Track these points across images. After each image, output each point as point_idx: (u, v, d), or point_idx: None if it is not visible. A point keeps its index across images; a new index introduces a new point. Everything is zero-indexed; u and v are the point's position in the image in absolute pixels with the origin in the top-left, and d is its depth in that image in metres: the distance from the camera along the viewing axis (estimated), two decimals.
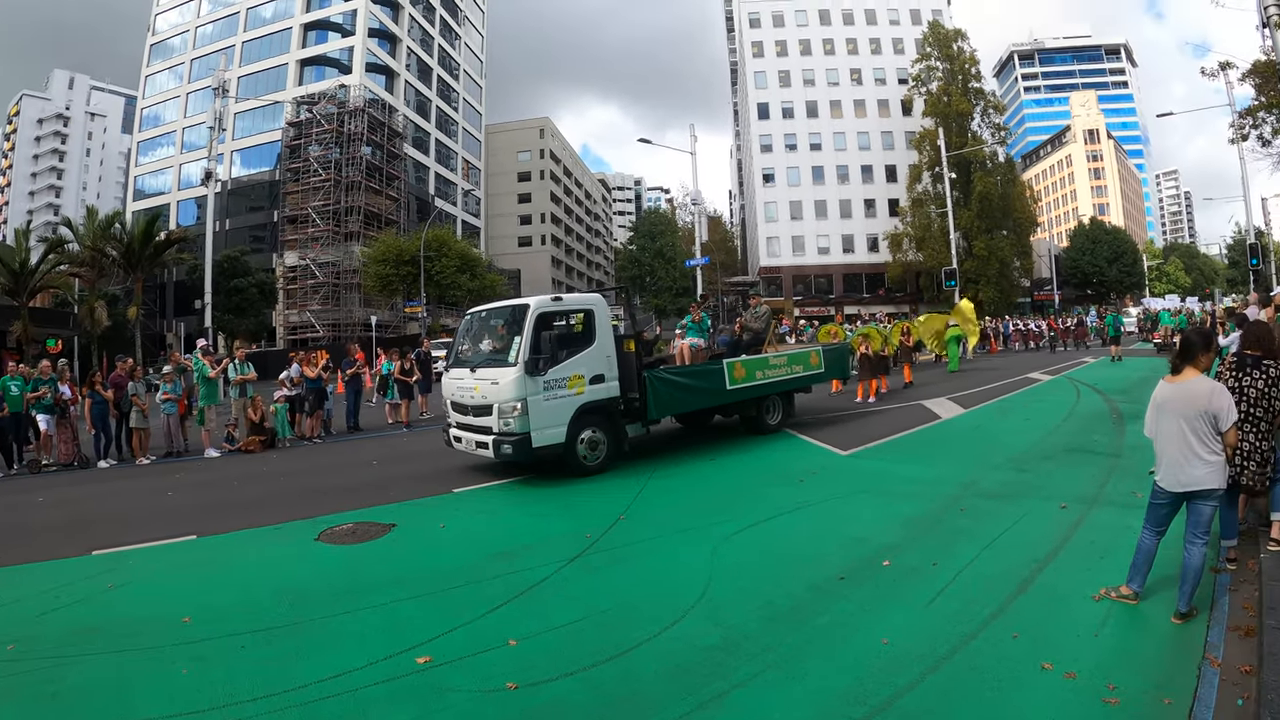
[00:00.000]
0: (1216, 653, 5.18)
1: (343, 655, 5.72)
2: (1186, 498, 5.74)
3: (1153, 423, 5.90)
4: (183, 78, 79.09)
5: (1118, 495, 9.39)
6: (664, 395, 13.37)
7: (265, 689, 5.22)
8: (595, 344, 12.61)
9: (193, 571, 8.27)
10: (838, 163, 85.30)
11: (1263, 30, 17.66)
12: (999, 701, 4.74)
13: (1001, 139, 77.03)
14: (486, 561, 8.03)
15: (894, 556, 7.45)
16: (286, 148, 68.02)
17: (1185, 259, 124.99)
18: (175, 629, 6.46)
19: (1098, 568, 6.86)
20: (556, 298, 12.76)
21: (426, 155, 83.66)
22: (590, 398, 12.37)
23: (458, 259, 57.44)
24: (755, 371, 15.10)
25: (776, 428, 15.94)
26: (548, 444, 11.78)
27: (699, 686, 5.02)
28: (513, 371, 11.65)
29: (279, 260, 66.37)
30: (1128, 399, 18.21)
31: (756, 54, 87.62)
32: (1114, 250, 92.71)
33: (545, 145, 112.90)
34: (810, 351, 16.97)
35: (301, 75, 73.43)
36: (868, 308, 73.38)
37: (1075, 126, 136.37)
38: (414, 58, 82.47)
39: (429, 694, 5.09)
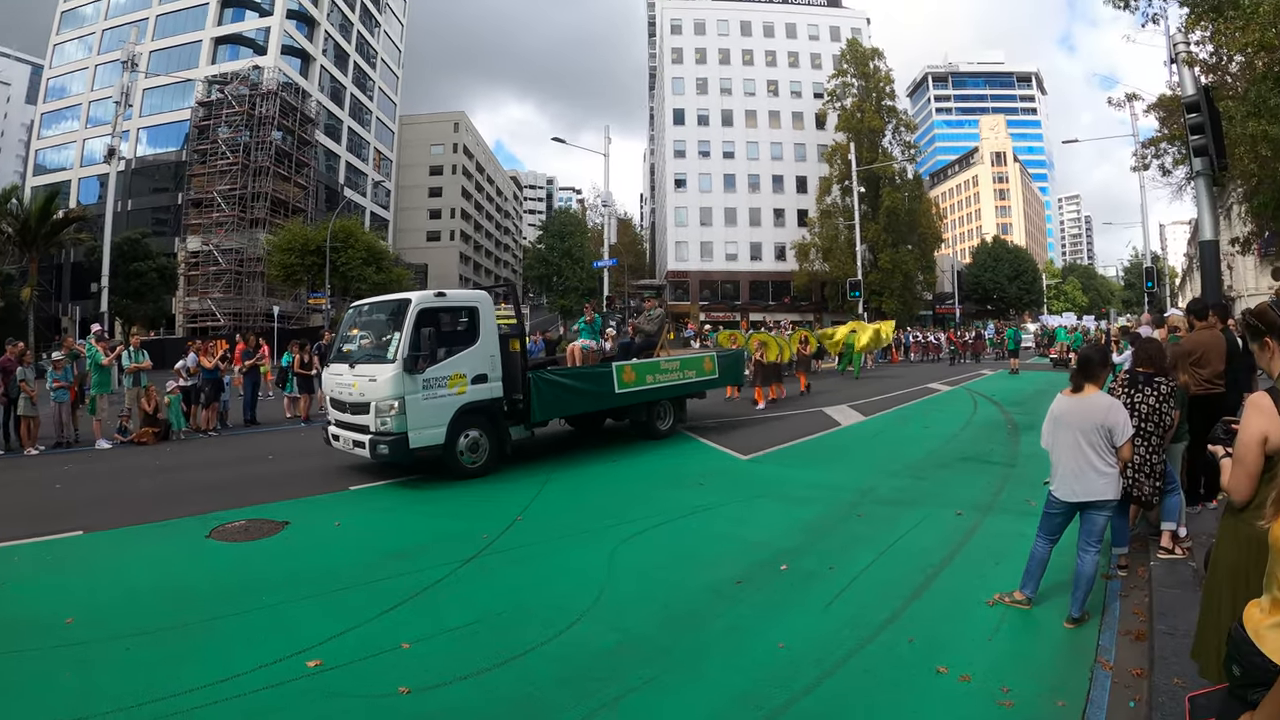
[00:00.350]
0: (1108, 656, 5.36)
1: (231, 658, 5.52)
2: (1080, 507, 5.90)
3: (1050, 434, 6.05)
4: (93, 48, 75.59)
5: (1012, 503, 9.69)
6: (549, 397, 13.13)
7: (150, 694, 4.99)
8: (479, 343, 12.33)
9: (78, 569, 7.89)
10: (750, 171, 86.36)
11: (1170, 66, 18.42)
12: (895, 704, 4.81)
13: (911, 156, 79.06)
14: (381, 561, 7.87)
15: (792, 561, 7.53)
16: (195, 128, 65.67)
17: (1083, 279, 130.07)
18: (58, 630, 6.16)
19: (992, 574, 7.04)
20: (440, 293, 12.49)
21: (338, 143, 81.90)
22: (472, 398, 12.10)
23: (364, 251, 56.31)
24: (646, 375, 14.88)
25: (667, 433, 15.83)
26: (426, 445, 11.47)
27: (595, 690, 4.98)
28: (391, 369, 11.35)
29: (181, 245, 64.10)
30: (1023, 411, 18.80)
31: (676, 60, 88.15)
32: (1015, 268, 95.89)
33: (459, 139, 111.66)
34: (704, 357, 16.81)
35: (215, 54, 70.98)
36: (773, 315, 74.30)
37: (983, 148, 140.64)
38: (331, 42, 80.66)
39: (319, 699, 4.95)
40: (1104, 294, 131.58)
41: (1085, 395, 5.87)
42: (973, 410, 19.73)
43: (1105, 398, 5.88)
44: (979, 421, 17.64)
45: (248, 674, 5.26)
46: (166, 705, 4.86)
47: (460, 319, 12.78)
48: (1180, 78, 16.51)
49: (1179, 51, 16.33)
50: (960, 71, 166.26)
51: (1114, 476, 5.80)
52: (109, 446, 16.19)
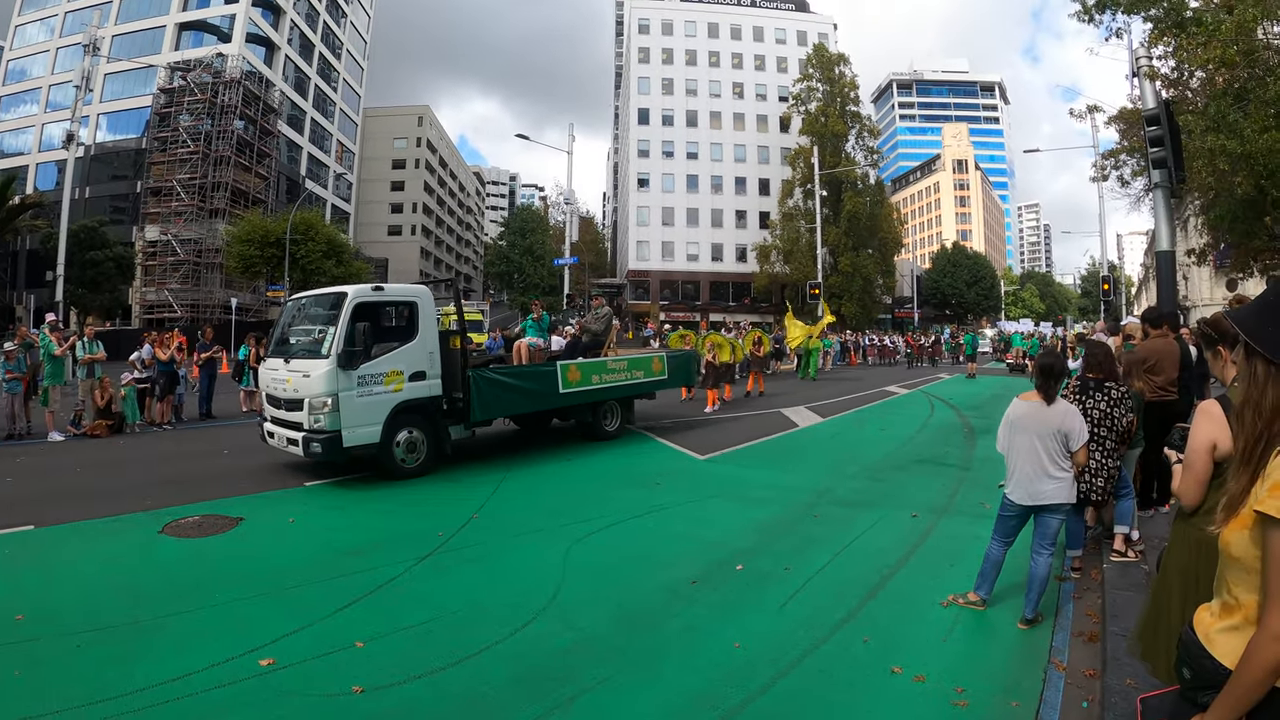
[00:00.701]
0: (1062, 657, 5.45)
1: (183, 657, 5.44)
2: (1035, 510, 5.99)
3: (1006, 438, 6.10)
4: (54, 31, 73.95)
5: (967, 505, 9.82)
6: (489, 396, 12.75)
7: (101, 693, 4.91)
8: (417, 339, 12.01)
9: (28, 565, 7.73)
10: (713, 173, 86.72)
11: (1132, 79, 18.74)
12: (849, 704, 4.86)
13: (874, 162, 79.72)
14: (336, 559, 7.81)
15: (747, 561, 7.58)
16: (156, 115, 64.57)
17: (1041, 286, 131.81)
18: (7, 628, 6.03)
19: (947, 575, 7.13)
20: (377, 287, 12.27)
21: (301, 134, 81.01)
22: (409, 396, 11.78)
23: (325, 244, 55.71)
24: (592, 375, 14.64)
25: (614, 434, 15.60)
26: (360, 443, 11.16)
27: (549, 690, 4.98)
28: (325, 364, 11.00)
29: (139, 234, 63.05)
30: (979, 414, 19.04)
31: (642, 59, 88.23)
32: (974, 274, 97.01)
33: (423, 134, 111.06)
34: (653, 357, 16.64)
35: (179, 40, 69.82)
36: (733, 315, 74.54)
37: (945, 156, 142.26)
38: (297, 32, 79.72)
39: (271, 698, 4.89)
40: (1061, 301, 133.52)
41: (1042, 400, 5.94)
42: (929, 413, 19.93)
43: (1063, 404, 5.98)
44: (935, 425, 17.84)
45: (200, 673, 5.19)
46: (118, 704, 4.79)
47: (399, 314, 12.60)
48: (1142, 91, 16.81)
49: (1141, 66, 16.65)
50: (925, 79, 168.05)
51: (1068, 481, 5.90)
52: (61, 439, 15.91)
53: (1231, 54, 16.11)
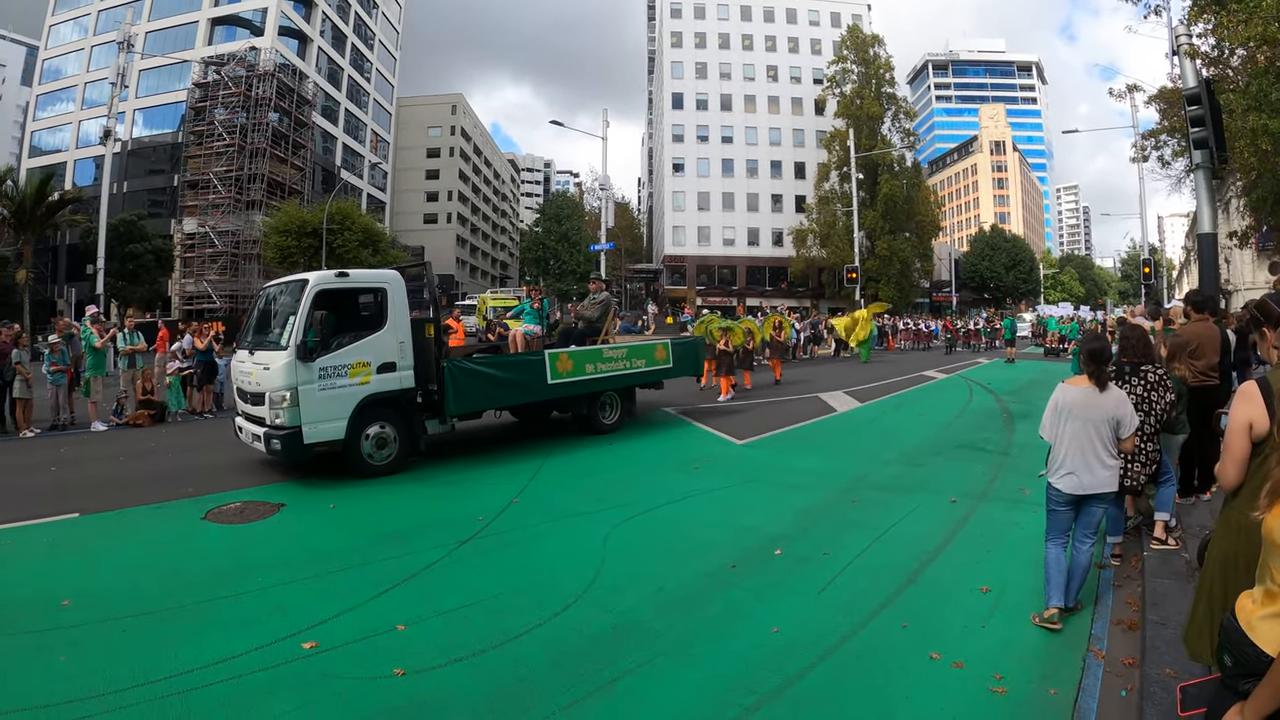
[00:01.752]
0: (1100, 645, 5.38)
1: (226, 640, 5.53)
2: (1081, 500, 5.81)
3: (1053, 425, 5.90)
4: (88, 29, 75.03)
5: (1006, 491, 9.72)
6: (467, 388, 11.95)
7: (145, 675, 5.01)
8: (386, 328, 11.33)
9: (74, 551, 7.89)
10: (748, 157, 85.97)
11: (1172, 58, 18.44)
12: (888, 690, 4.82)
13: (910, 144, 78.61)
14: (376, 543, 7.90)
15: (786, 546, 7.56)
16: (191, 109, 65.30)
17: (1080, 270, 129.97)
18: (54, 613, 6.16)
19: (985, 560, 7.09)
20: (342, 273, 11.53)
21: (335, 125, 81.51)
22: (377, 389, 11.13)
23: (361, 233, 56.02)
24: (585, 365, 13.77)
25: (613, 427, 14.80)
26: (322, 440, 10.60)
27: (589, 673, 5.00)
28: (283, 356, 10.46)
29: (177, 226, 63.86)
30: (1018, 399, 18.84)
31: (675, 44, 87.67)
32: (1012, 257, 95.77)
33: (457, 122, 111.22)
34: (656, 345, 15.64)
35: (212, 34, 70.52)
36: (769, 300, 74.20)
37: (983, 137, 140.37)
38: (329, 24, 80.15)
39: (314, 680, 4.96)
40: (1101, 285, 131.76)
41: (1094, 386, 5.76)
42: (968, 399, 19.75)
43: (1115, 390, 5.82)
44: (974, 410, 17.67)
45: (243, 655, 5.27)
46: (162, 686, 4.87)
47: (367, 301, 12.05)
48: (1181, 70, 16.51)
49: (1181, 44, 16.32)
50: (961, 60, 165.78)
51: (1116, 469, 5.75)
52: (104, 429, 16.18)
53: (1273, 31, 15.81)
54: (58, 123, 75.14)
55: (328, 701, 4.72)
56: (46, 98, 77.10)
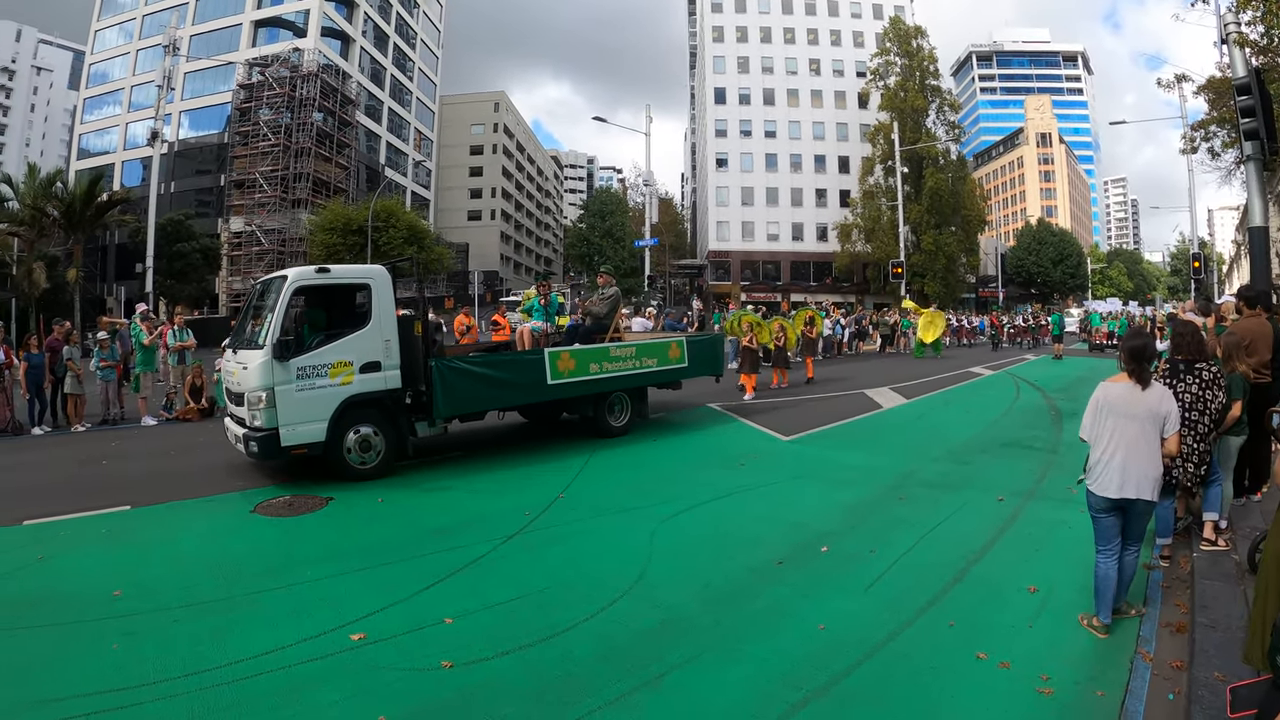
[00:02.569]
0: (1148, 647, 5.29)
1: (276, 631, 5.62)
2: (1125, 504, 5.54)
3: (1094, 426, 5.66)
4: (133, 34, 76.62)
5: (1054, 490, 9.57)
6: (458, 389, 11.28)
7: (196, 665, 5.10)
8: (370, 325, 10.80)
9: (125, 543, 8.06)
10: (791, 151, 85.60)
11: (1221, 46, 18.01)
12: (934, 689, 4.78)
13: (955, 137, 77.82)
14: (424, 537, 7.96)
15: (832, 542, 7.51)
16: (236, 110, 66.43)
17: (1129, 264, 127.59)
18: (106, 603, 6.29)
19: (1033, 559, 7.00)
20: (323, 269, 11.19)
21: (379, 124, 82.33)
22: (360, 389, 10.60)
23: (406, 230, 56.58)
24: (589, 364, 12.91)
25: (622, 430, 13.90)
26: (301, 442, 10.13)
27: (635, 668, 5.01)
28: (259, 355, 10.08)
29: (224, 225, 64.94)
30: (1066, 396, 18.58)
31: (717, 39, 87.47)
32: (1059, 252, 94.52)
33: (499, 119, 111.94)
34: (669, 343, 14.71)
35: (255, 36, 71.63)
36: (814, 296, 73.80)
37: (1028, 129, 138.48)
38: (371, 24, 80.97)
39: (363, 671, 5.01)
40: (1150, 280, 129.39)
41: (1138, 384, 5.55)
42: (1015, 395, 19.50)
43: (1158, 387, 5.62)
44: (1021, 407, 17.45)
45: (293, 646, 5.35)
46: (212, 676, 4.96)
47: (350, 298, 11.49)
48: (1230, 59, 16.17)
49: (1229, 32, 15.97)
50: (1005, 50, 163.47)
51: (1159, 473, 5.54)
52: (154, 423, 16.46)
53: None
54: (105, 125, 76.75)
55: (375, 692, 4.77)
56: (93, 101, 78.84)
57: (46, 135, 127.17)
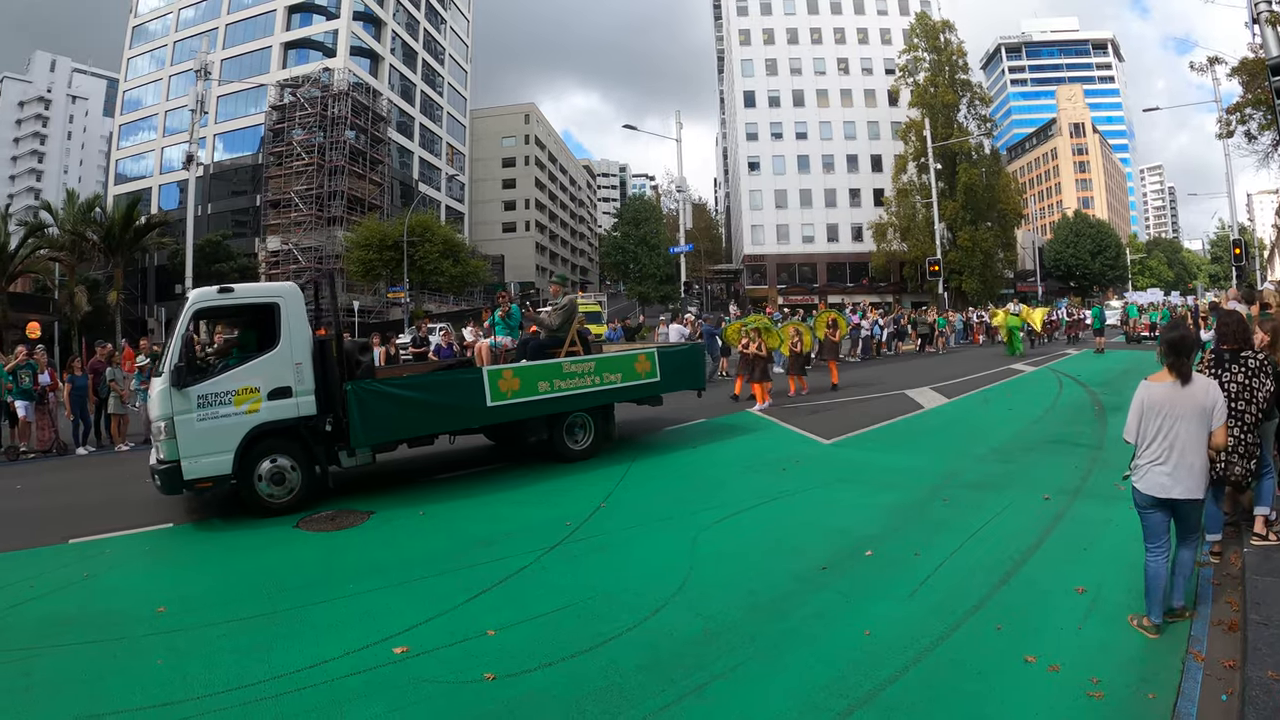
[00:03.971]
0: (1200, 647, 5.15)
1: (319, 645, 5.67)
2: (1174, 503, 5.38)
3: (1142, 424, 5.49)
4: (165, 61, 78.19)
5: (1100, 487, 9.39)
6: (378, 414, 10.16)
7: (240, 680, 5.16)
8: (278, 348, 9.91)
9: (169, 560, 8.22)
10: (823, 152, 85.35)
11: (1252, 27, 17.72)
12: (982, 694, 4.71)
13: (987, 131, 77.05)
14: (466, 549, 7.98)
15: (876, 546, 7.43)
16: (269, 131, 67.49)
17: (1168, 253, 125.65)
18: (150, 619, 6.40)
19: (1081, 559, 6.87)
20: (226, 288, 10.24)
21: (411, 140, 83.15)
22: (270, 417, 9.72)
23: (441, 244, 57.16)
24: (537, 382, 11.62)
25: (585, 454, 12.53)
26: (205, 475, 9.33)
27: (679, 678, 4.98)
28: (159, 382, 9.50)
29: (261, 245, 65.88)
30: (1110, 391, 18.28)
31: (744, 41, 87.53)
32: (1097, 243, 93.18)
33: (530, 131, 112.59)
34: (636, 356, 13.28)
35: (285, 58, 72.74)
36: (851, 297, 73.42)
37: (1061, 120, 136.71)
38: (399, 41, 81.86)
39: (406, 685, 5.03)
40: (1190, 268, 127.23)
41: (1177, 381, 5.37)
42: (1058, 391, 19.23)
43: (1201, 380, 5.45)
44: (1064, 403, 17.19)
45: (335, 660, 5.40)
46: (255, 690, 5.02)
47: (256, 320, 10.59)
48: (1263, 39, 15.88)
49: (1261, 11, 15.70)
50: (1034, 41, 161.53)
51: (1205, 470, 5.37)
52: None
53: None
54: (140, 150, 78.35)
55: (419, 705, 4.79)
56: (128, 127, 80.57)
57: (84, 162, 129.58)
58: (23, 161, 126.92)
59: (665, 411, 15.65)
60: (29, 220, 50.23)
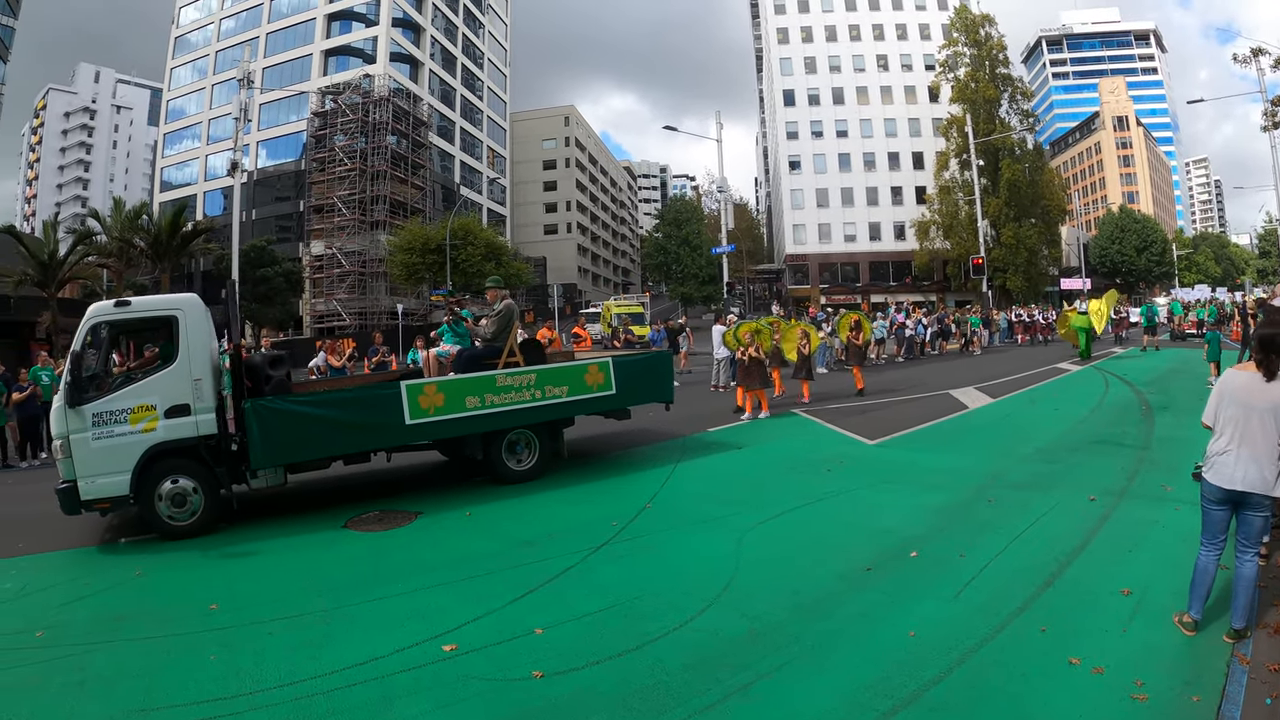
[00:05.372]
0: (1245, 650, 5.11)
1: (369, 642, 5.78)
2: (1240, 502, 5.32)
3: (1218, 413, 5.44)
4: (206, 70, 79.68)
5: (1147, 488, 9.28)
6: (279, 434, 9.49)
7: (291, 676, 5.29)
8: (176, 364, 9.45)
9: (220, 559, 8.38)
10: (864, 150, 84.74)
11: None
12: (1026, 696, 4.71)
13: (1030, 126, 75.87)
14: (512, 549, 8.07)
15: (921, 547, 7.42)
16: (312, 138, 68.43)
17: (1215, 249, 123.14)
18: (203, 616, 6.55)
19: (1126, 561, 6.82)
20: (122, 301, 9.83)
21: (451, 144, 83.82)
22: (167, 436, 9.24)
23: (483, 247, 57.55)
24: (465, 397, 10.64)
25: (528, 475, 11.43)
26: (101, 496, 8.95)
27: (724, 677, 5.02)
28: (57, 399, 9.14)
29: (305, 249, 66.81)
30: (1157, 390, 18.04)
31: (782, 40, 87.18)
32: (1143, 239, 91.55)
33: (570, 133, 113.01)
34: (586, 365, 12.05)
35: (326, 66, 73.71)
36: (895, 296, 72.81)
37: (1104, 113, 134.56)
38: (438, 46, 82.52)
39: (455, 682, 5.12)
40: (1238, 263, 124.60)
41: (1262, 375, 5.27)
42: (1104, 391, 18.95)
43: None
44: (1111, 403, 16.95)
45: (385, 657, 5.50)
46: (307, 686, 5.14)
47: (155, 334, 10.20)
48: None
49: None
50: (1075, 33, 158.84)
51: (1277, 469, 5.24)
52: None
53: None
54: (185, 159, 80.00)
55: (467, 702, 4.88)
56: (172, 136, 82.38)
57: (129, 170, 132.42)
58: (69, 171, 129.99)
59: (710, 413, 15.77)
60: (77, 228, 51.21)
